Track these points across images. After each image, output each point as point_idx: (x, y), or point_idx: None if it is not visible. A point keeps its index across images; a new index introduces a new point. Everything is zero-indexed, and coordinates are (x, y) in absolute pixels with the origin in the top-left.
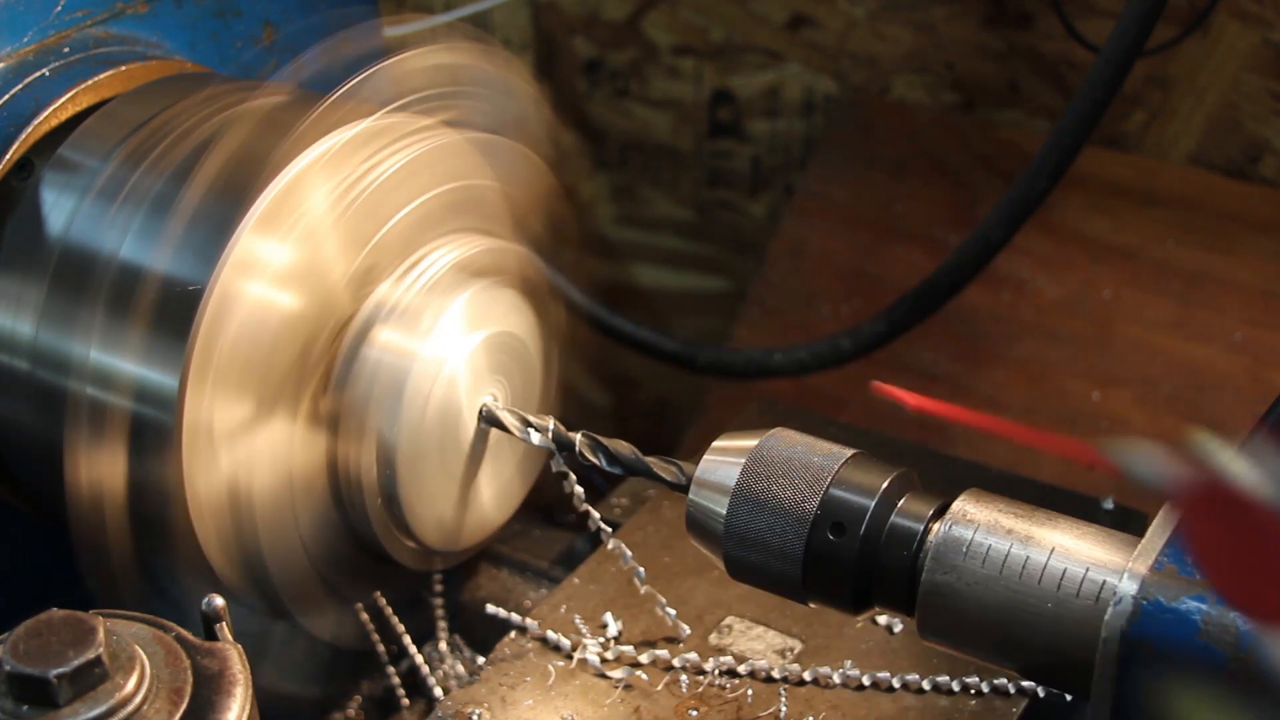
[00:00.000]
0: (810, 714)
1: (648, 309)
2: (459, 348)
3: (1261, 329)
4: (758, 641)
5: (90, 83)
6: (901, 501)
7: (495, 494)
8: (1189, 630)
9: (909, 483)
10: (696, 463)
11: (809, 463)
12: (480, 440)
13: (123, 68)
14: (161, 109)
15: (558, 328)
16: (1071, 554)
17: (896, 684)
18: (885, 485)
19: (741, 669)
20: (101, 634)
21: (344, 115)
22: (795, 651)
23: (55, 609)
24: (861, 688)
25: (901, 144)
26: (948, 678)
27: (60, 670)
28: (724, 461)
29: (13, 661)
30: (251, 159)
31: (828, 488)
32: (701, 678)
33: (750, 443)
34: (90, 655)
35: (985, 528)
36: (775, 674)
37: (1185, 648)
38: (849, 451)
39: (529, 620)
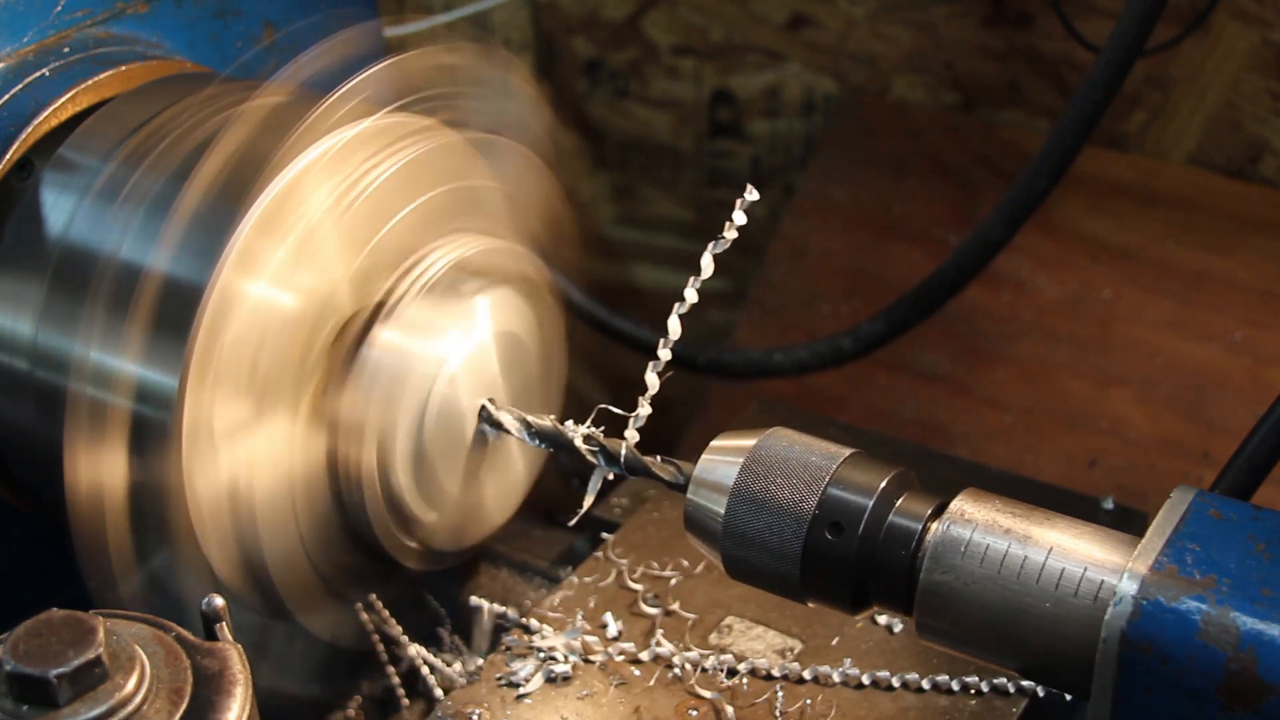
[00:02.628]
0: (810, 713)
1: (648, 309)
2: (459, 348)
3: (1261, 329)
4: (758, 641)
5: (90, 83)
6: (900, 501)
7: (495, 494)
8: (1189, 630)
9: (907, 482)
10: (695, 462)
11: (807, 462)
12: (480, 440)
13: (123, 68)
14: (161, 109)
15: (558, 327)
16: (1069, 553)
17: (896, 683)
18: (883, 484)
19: (741, 668)
20: (101, 634)
21: (344, 115)
22: (795, 651)
23: (55, 609)
24: (861, 687)
25: (901, 144)
26: (947, 677)
27: (60, 670)
28: (722, 461)
29: (13, 661)
30: (251, 159)
31: (826, 487)
32: (701, 677)
33: (748, 442)
34: (90, 655)
35: (983, 527)
36: (775, 673)
37: (1185, 648)
38: (847, 451)
39: (529, 619)
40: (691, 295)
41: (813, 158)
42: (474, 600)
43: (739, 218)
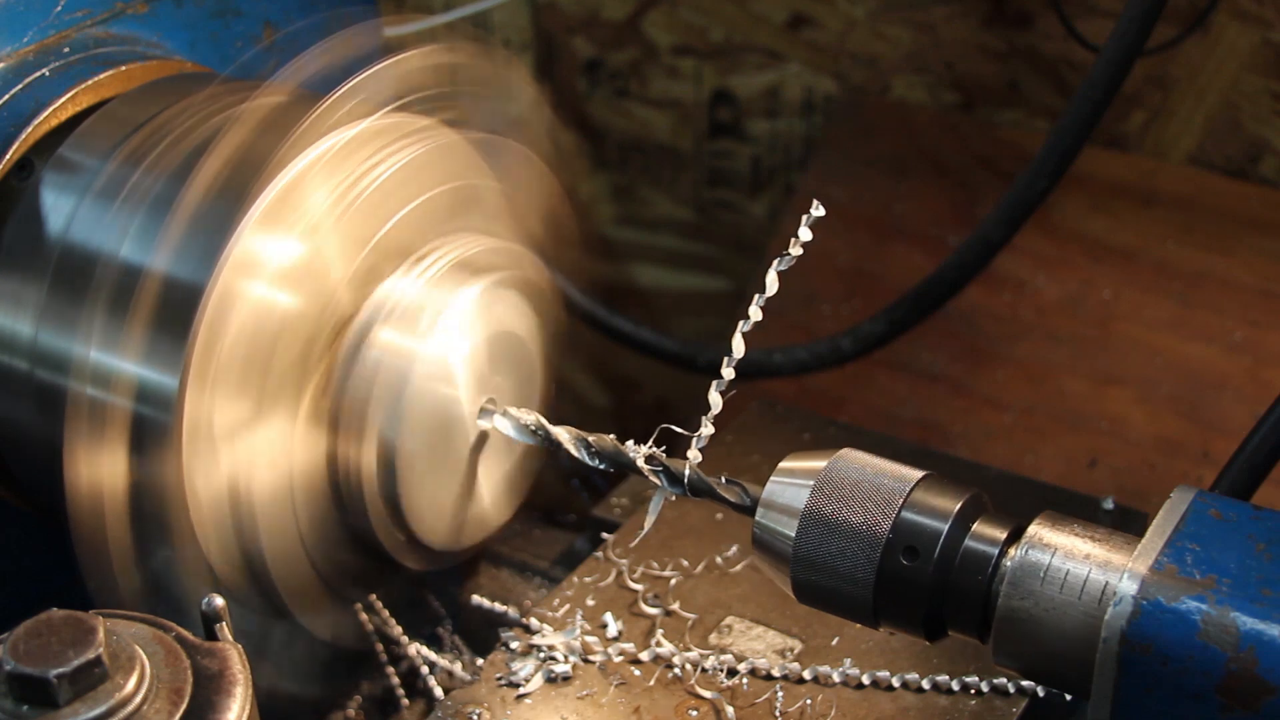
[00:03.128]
0: (810, 713)
1: (648, 309)
2: (459, 347)
3: (1261, 329)
4: (758, 641)
5: (90, 83)
6: (975, 524)
7: (495, 494)
8: (1189, 630)
9: (982, 505)
10: (762, 484)
11: (879, 485)
12: (480, 440)
13: (123, 68)
14: (161, 109)
15: (558, 327)
16: None
17: (896, 683)
18: (958, 508)
19: (741, 668)
20: (101, 634)
21: (344, 115)
22: (795, 651)
23: (55, 609)
24: (861, 687)
25: (901, 144)
26: (947, 677)
27: (60, 670)
28: (791, 484)
29: (13, 661)
30: (251, 159)
31: (900, 510)
32: (702, 677)
33: (818, 464)
34: (90, 655)
35: (1063, 552)
36: (775, 673)
37: (1185, 648)
38: (919, 473)
39: (529, 620)
40: (756, 313)
41: (813, 158)
42: (474, 599)
43: (804, 234)
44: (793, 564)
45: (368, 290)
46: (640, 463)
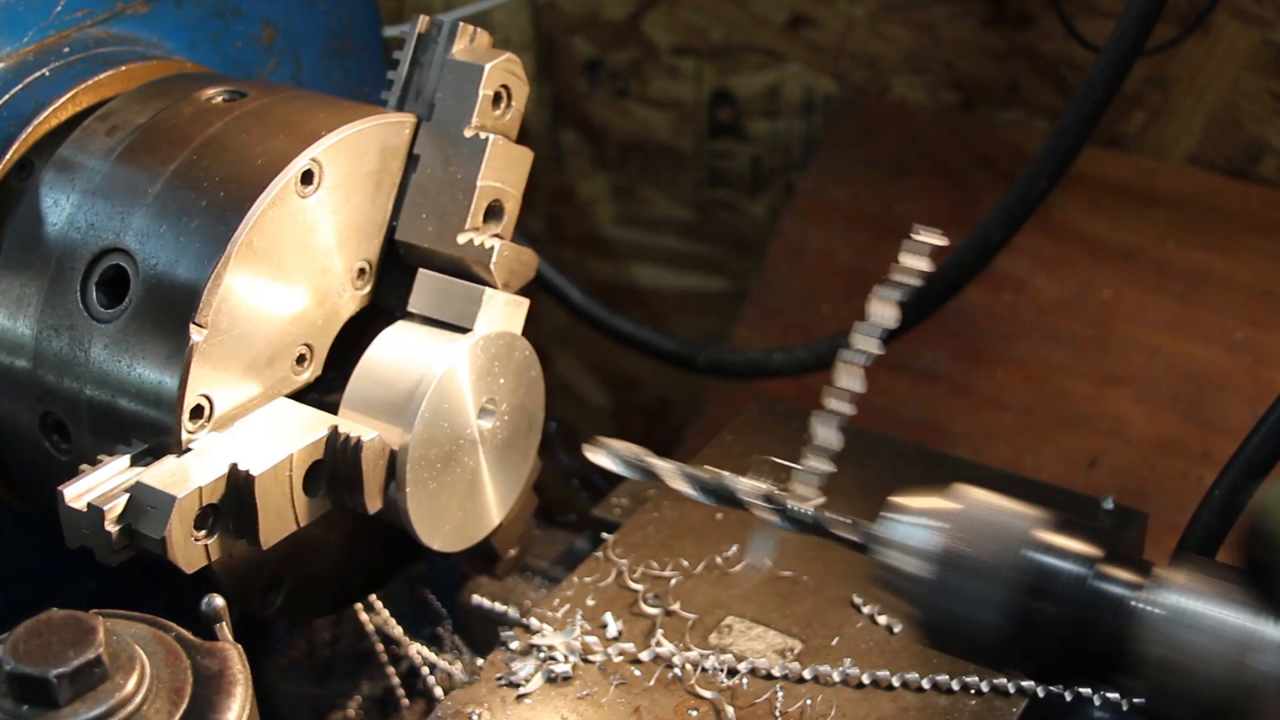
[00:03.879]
0: (810, 713)
1: (648, 309)
2: (460, 347)
3: (1261, 329)
4: (758, 641)
5: (90, 83)
6: (1110, 567)
7: (496, 494)
8: None
9: (1114, 546)
10: (879, 522)
11: (1009, 525)
12: (482, 439)
13: (123, 68)
14: (161, 109)
15: (557, 327)
16: None
17: (896, 683)
18: (1093, 551)
19: (741, 668)
20: (101, 634)
21: (344, 115)
22: (795, 651)
23: (55, 609)
24: (861, 686)
25: (901, 144)
26: (947, 677)
27: (60, 670)
28: (914, 522)
29: (13, 661)
30: (251, 158)
31: (1033, 552)
32: (702, 677)
33: (940, 504)
34: (90, 655)
35: (1208, 596)
36: (775, 673)
37: None
38: (1050, 515)
39: (529, 620)
40: (874, 347)
41: (813, 158)
42: (474, 599)
43: (917, 261)
44: (919, 605)
45: (368, 289)
46: (757, 501)
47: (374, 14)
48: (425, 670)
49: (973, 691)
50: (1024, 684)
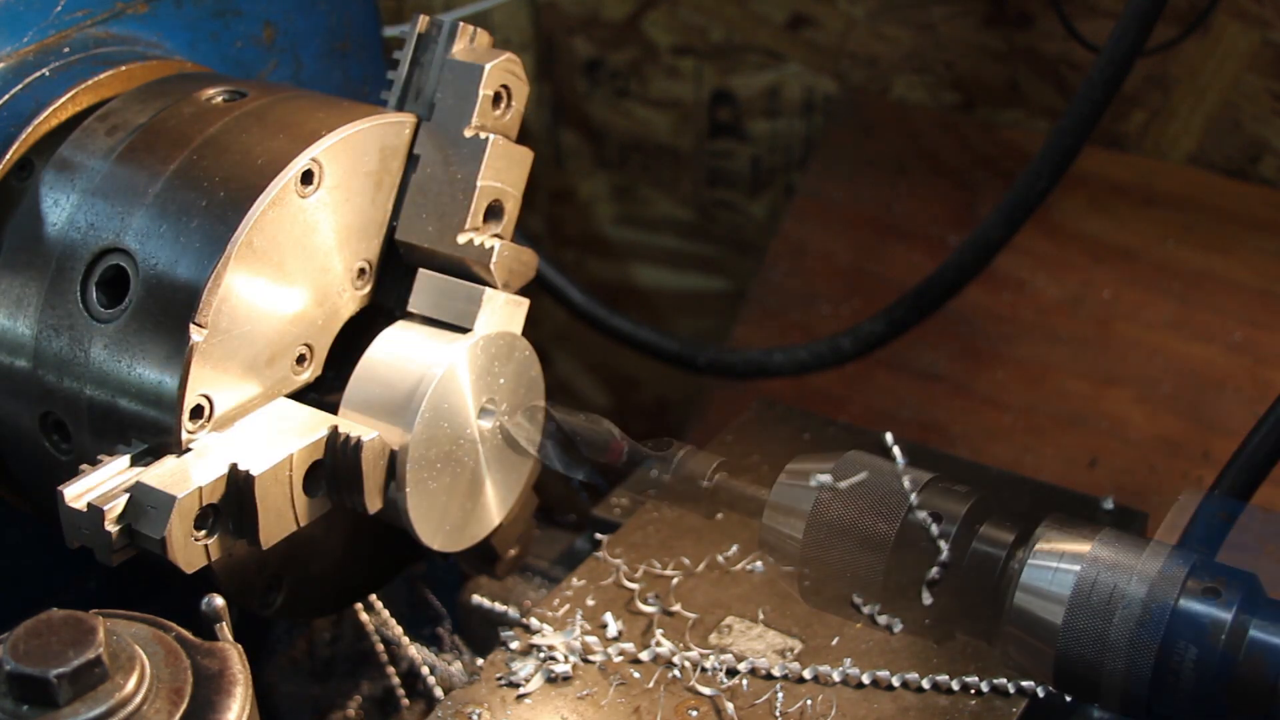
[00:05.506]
0: (810, 713)
1: (648, 309)
2: (460, 347)
3: (1261, 329)
4: (758, 641)
5: (90, 83)
6: (1267, 621)
7: (496, 494)
8: None
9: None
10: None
11: (1150, 570)
12: (482, 439)
13: (123, 68)
14: (161, 109)
15: (557, 327)
16: None
17: (896, 683)
18: (1239, 604)
19: (741, 668)
20: (101, 634)
21: (344, 115)
22: (795, 651)
23: (55, 609)
24: (861, 686)
25: (901, 144)
26: (947, 677)
27: (60, 670)
28: (1056, 568)
29: (13, 661)
30: (251, 158)
31: (1177, 599)
32: (702, 677)
33: (1081, 547)
34: (90, 655)
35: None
36: (775, 673)
37: None
38: (1188, 553)
39: (529, 620)
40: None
41: (813, 158)
42: (474, 599)
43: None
44: (1057, 644)
45: (368, 289)
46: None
47: (374, 14)
48: (425, 670)
49: (973, 691)
50: (1024, 684)
